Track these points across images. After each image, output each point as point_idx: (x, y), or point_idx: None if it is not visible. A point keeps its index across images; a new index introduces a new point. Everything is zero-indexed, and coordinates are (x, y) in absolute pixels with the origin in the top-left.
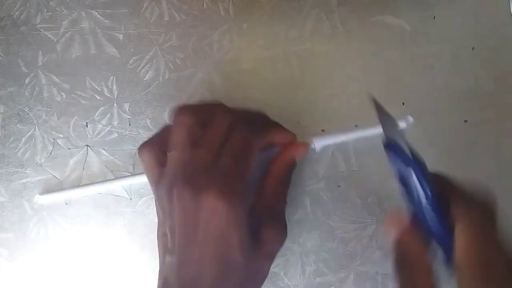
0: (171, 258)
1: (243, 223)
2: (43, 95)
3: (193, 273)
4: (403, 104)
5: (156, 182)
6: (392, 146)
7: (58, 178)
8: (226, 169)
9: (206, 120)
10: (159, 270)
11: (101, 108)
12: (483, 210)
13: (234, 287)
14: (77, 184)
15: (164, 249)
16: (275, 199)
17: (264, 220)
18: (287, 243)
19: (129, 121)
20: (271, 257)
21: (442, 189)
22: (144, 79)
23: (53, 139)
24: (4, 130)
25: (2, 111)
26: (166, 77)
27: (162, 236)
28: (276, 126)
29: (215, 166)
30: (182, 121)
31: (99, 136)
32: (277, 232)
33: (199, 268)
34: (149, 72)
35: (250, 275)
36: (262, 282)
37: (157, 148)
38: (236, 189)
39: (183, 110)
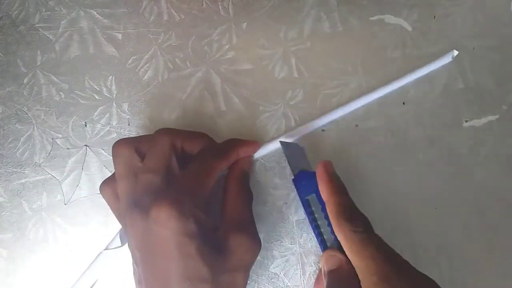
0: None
1: (198, 233)
2: (41, 94)
3: None
4: (403, 103)
5: (120, 219)
6: (302, 175)
7: (57, 178)
8: (181, 186)
9: (145, 147)
10: None
11: (100, 107)
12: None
13: None
14: (76, 184)
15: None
16: (238, 211)
17: (232, 233)
18: (288, 243)
19: (128, 121)
20: (243, 269)
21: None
22: (143, 78)
23: (52, 139)
24: (3, 130)
25: (1, 111)
26: (165, 77)
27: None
28: (237, 143)
29: (167, 187)
30: (118, 153)
31: (98, 136)
32: (244, 243)
33: None
34: (148, 71)
35: None
36: None
37: (114, 184)
38: (188, 204)
39: (118, 143)
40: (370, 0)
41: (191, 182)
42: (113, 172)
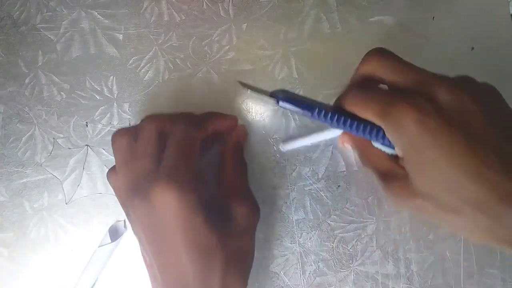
0: (153, 270)
1: (200, 205)
2: (43, 95)
3: (176, 274)
4: None
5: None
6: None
7: (58, 178)
8: (169, 162)
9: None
10: None
11: (101, 108)
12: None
13: (219, 272)
14: (77, 183)
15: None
16: (235, 181)
17: (231, 201)
18: (287, 242)
19: (129, 121)
20: (248, 233)
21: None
22: (144, 79)
23: (53, 138)
24: (4, 129)
25: (2, 111)
26: (166, 77)
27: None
28: (214, 114)
29: (159, 167)
30: (115, 143)
31: (99, 136)
32: (244, 209)
33: (180, 267)
34: (149, 72)
35: (231, 254)
36: (248, 261)
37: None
38: (182, 176)
39: (116, 133)
40: (370, 1)
41: (177, 155)
42: None
